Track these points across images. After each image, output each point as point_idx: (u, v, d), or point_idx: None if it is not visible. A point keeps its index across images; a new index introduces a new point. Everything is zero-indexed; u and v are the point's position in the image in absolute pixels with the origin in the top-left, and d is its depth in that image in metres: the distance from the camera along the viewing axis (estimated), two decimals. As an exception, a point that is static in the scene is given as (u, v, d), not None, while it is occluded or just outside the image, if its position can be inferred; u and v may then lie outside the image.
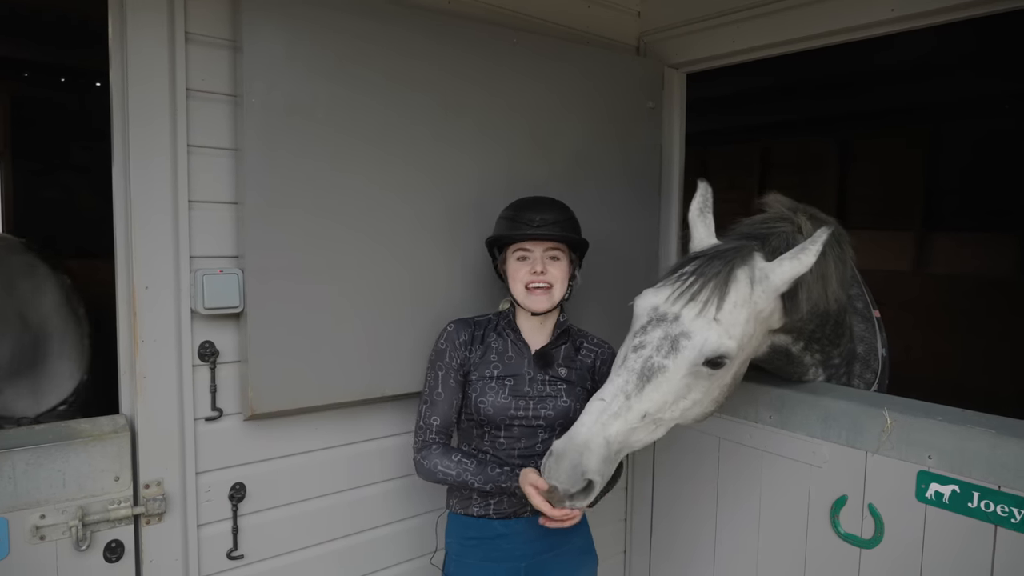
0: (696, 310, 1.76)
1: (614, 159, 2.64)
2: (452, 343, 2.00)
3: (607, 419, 1.70)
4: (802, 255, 1.82)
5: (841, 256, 2.06)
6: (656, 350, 1.75)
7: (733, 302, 1.78)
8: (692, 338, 1.74)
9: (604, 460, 1.69)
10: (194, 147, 1.87)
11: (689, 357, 1.74)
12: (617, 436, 1.71)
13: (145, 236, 1.82)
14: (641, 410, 1.73)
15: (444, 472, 1.93)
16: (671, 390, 1.75)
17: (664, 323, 1.78)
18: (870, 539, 2.15)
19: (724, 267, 1.80)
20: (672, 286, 1.81)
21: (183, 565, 1.92)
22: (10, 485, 1.65)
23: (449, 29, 2.22)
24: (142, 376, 1.83)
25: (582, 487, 1.70)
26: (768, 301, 1.85)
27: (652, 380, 1.73)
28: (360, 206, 2.06)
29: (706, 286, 1.77)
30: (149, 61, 1.80)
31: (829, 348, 2.29)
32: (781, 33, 2.44)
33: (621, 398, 1.72)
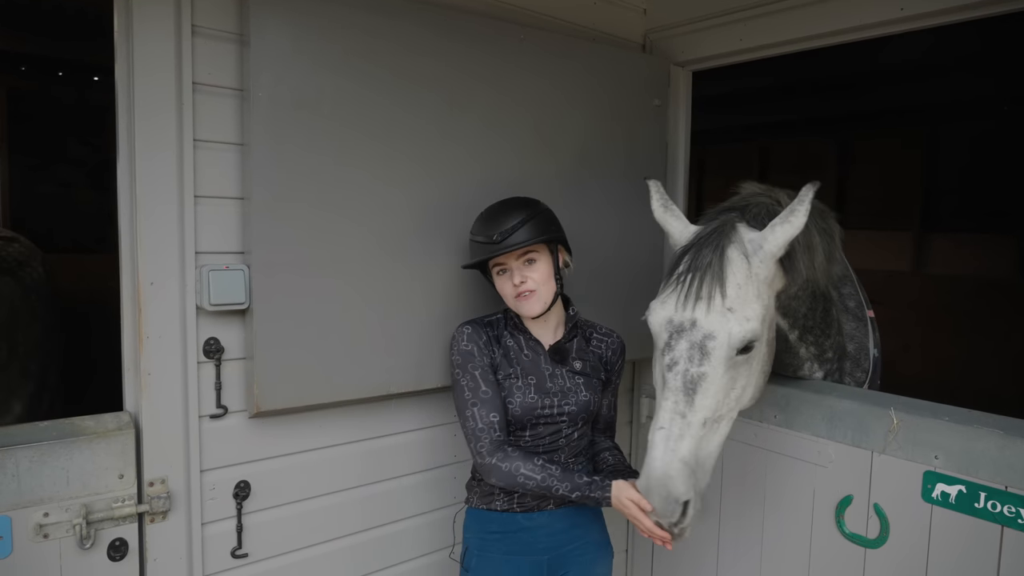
0: (706, 307, 1.76)
1: (620, 156, 2.63)
2: (476, 343, 1.98)
3: (674, 443, 1.72)
4: (792, 216, 1.81)
5: (826, 228, 2.07)
6: (689, 361, 1.76)
7: (736, 284, 1.78)
8: (717, 337, 1.75)
9: (689, 478, 1.72)
10: (200, 141, 1.85)
11: (721, 355, 1.75)
12: (690, 453, 1.73)
13: (150, 231, 1.80)
14: (700, 420, 1.75)
15: (527, 476, 1.87)
16: (719, 389, 1.77)
17: (684, 332, 1.78)
18: (875, 539, 2.15)
19: (714, 253, 1.80)
20: (675, 292, 1.81)
21: (187, 564, 1.90)
22: (13, 483, 1.63)
23: (456, 25, 2.21)
24: (146, 373, 1.81)
25: (680, 511, 1.73)
26: (768, 268, 1.85)
27: (698, 390, 1.75)
28: (367, 201, 2.04)
29: (704, 279, 1.77)
30: (155, 54, 1.78)
31: (822, 339, 2.31)
32: (789, 32, 2.43)
33: (678, 419, 1.74)
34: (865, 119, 6.47)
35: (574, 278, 2.30)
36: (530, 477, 1.87)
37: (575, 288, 2.36)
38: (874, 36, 2.27)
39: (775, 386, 2.40)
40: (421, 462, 2.34)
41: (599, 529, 2.15)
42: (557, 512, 2.02)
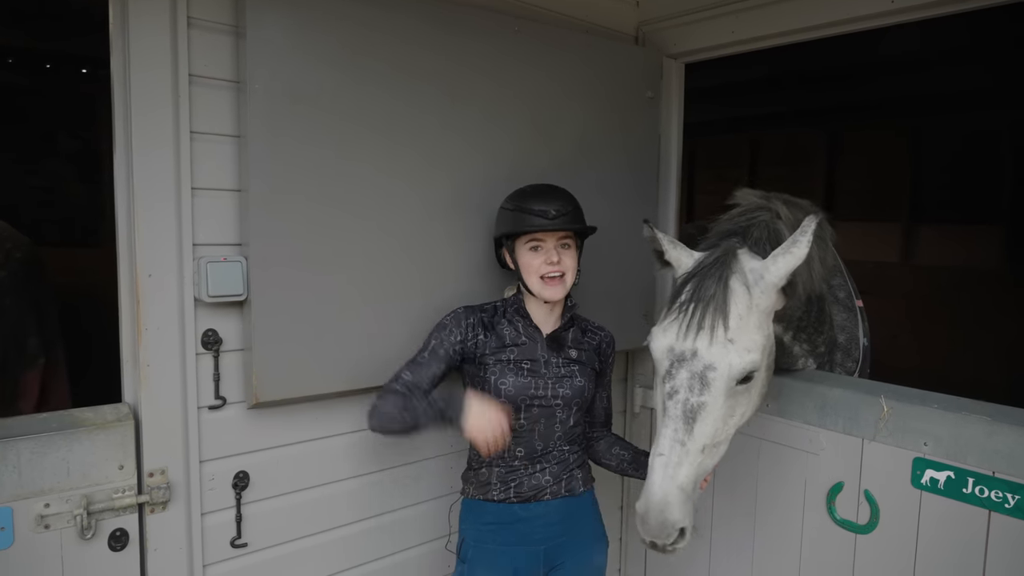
0: (707, 338, 1.79)
1: (614, 148, 2.64)
2: (457, 321, 2.03)
3: (673, 470, 1.76)
4: (794, 248, 1.84)
5: (820, 235, 2.09)
6: (689, 391, 1.79)
7: (738, 315, 1.81)
8: (717, 368, 1.78)
9: (686, 504, 1.77)
10: (197, 134, 1.86)
11: (721, 386, 1.79)
12: (687, 480, 1.78)
13: (148, 223, 1.80)
14: (698, 447, 1.79)
15: (382, 411, 1.91)
16: (718, 418, 1.81)
17: (685, 362, 1.81)
18: (865, 524, 2.19)
19: (717, 285, 1.82)
20: (678, 321, 1.84)
21: (187, 554, 1.91)
22: (14, 474, 1.64)
23: (452, 17, 2.21)
24: (145, 364, 1.82)
25: (676, 536, 1.77)
26: (770, 298, 1.88)
27: (698, 419, 1.78)
28: (365, 194, 2.06)
29: (707, 310, 1.80)
30: (151, 47, 1.77)
31: (815, 336, 2.34)
32: (780, 24, 2.45)
33: (678, 447, 1.78)
34: (855, 111, 6.51)
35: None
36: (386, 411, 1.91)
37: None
38: (866, 28, 2.30)
39: (767, 375, 2.44)
40: (418, 452, 2.36)
41: (595, 518, 2.17)
42: (553, 503, 2.04)
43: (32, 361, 2.68)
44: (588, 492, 2.15)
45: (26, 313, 2.68)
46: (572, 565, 2.07)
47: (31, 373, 2.68)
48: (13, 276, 2.66)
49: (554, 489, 2.05)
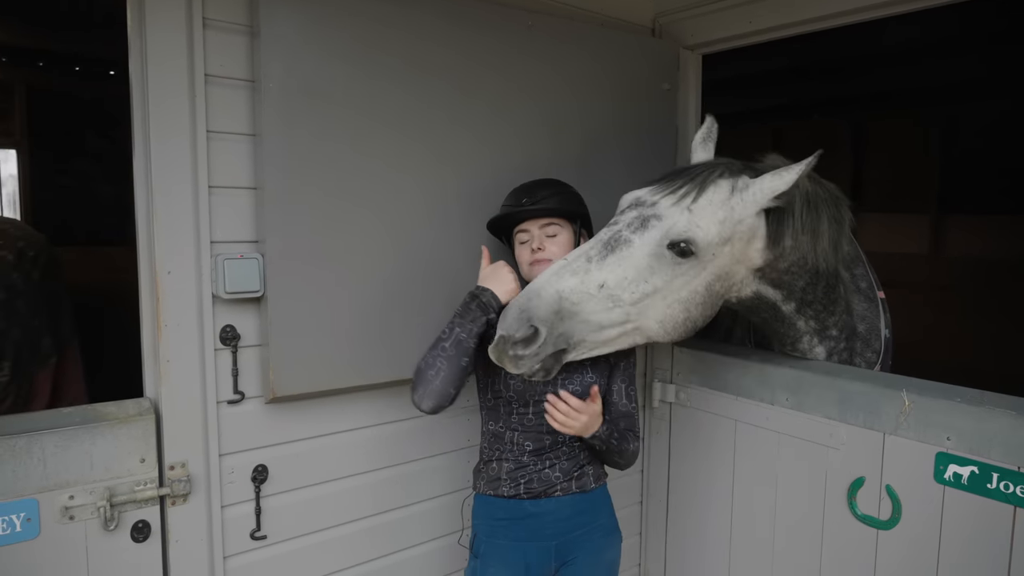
0: (672, 200, 1.86)
1: (629, 141, 2.63)
2: None
3: (564, 274, 1.79)
4: (785, 172, 1.88)
5: (837, 216, 2.09)
6: (627, 227, 1.85)
7: (709, 199, 1.86)
8: (662, 220, 1.83)
9: (552, 312, 1.75)
10: (213, 132, 1.88)
11: (655, 236, 1.82)
12: (570, 293, 1.77)
13: (166, 221, 1.84)
14: (600, 279, 1.79)
15: (420, 369, 1.88)
16: (632, 266, 1.81)
17: (640, 207, 1.88)
18: (887, 520, 2.16)
19: (709, 171, 1.90)
20: (654, 184, 1.93)
21: (208, 545, 1.95)
22: (40, 467, 1.69)
23: (464, 12, 2.21)
24: (165, 360, 1.85)
25: (528, 334, 1.74)
26: (747, 212, 1.89)
27: (615, 251, 1.81)
28: (379, 190, 2.07)
29: (687, 183, 1.87)
30: (167, 48, 1.80)
31: (824, 316, 2.31)
32: (798, 13, 2.42)
33: (582, 260, 1.81)
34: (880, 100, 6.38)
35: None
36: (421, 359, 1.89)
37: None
38: (886, 15, 2.25)
39: (786, 368, 2.41)
40: (433, 447, 2.38)
41: (607, 514, 2.15)
42: (564, 499, 2.03)
43: (44, 360, 2.76)
44: (600, 488, 2.13)
45: (40, 313, 2.75)
46: (584, 560, 2.06)
47: (43, 373, 2.76)
48: (27, 276, 2.73)
49: (564, 486, 2.03)
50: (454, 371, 1.84)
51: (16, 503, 1.66)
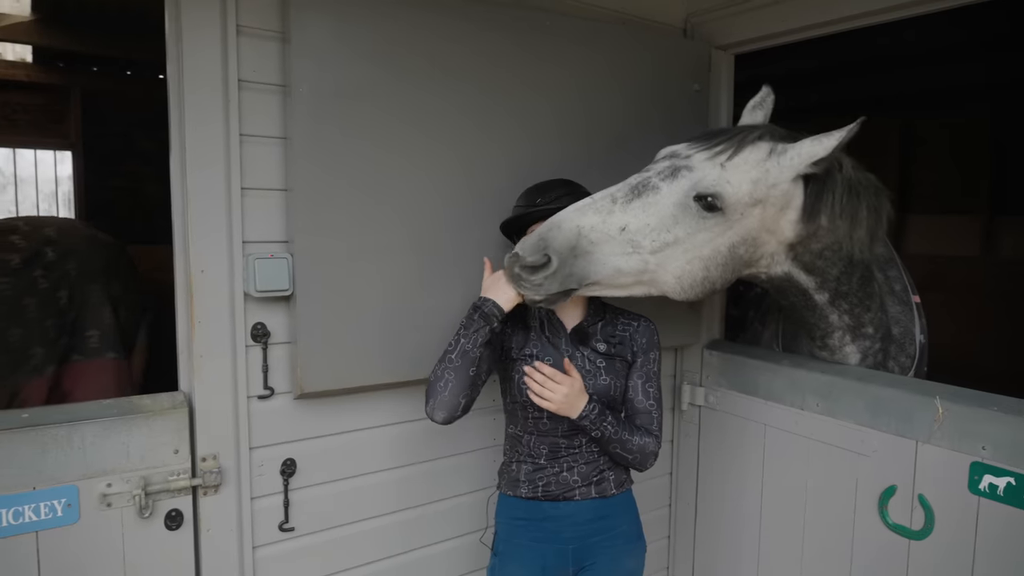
0: (708, 155, 1.85)
1: (658, 143, 2.59)
2: None
3: (587, 211, 1.80)
4: (824, 138, 1.85)
5: (876, 206, 2.05)
6: (656, 174, 1.85)
7: (745, 158, 1.85)
8: (693, 171, 1.83)
9: (569, 246, 1.76)
10: (246, 136, 1.94)
11: (683, 186, 1.82)
12: (589, 231, 1.78)
13: (201, 222, 1.90)
14: (622, 221, 1.80)
15: (431, 382, 1.88)
16: (656, 213, 1.81)
17: (674, 158, 1.88)
18: (920, 530, 2.11)
19: (749, 131, 1.89)
20: (692, 139, 1.92)
21: (238, 535, 2.01)
22: (80, 455, 1.77)
23: (490, 15, 2.23)
24: (199, 355, 1.92)
25: (540, 262, 1.75)
26: (783, 176, 1.87)
27: (642, 196, 1.82)
28: (404, 191, 2.11)
29: (726, 141, 1.86)
30: (203, 54, 1.87)
31: (859, 311, 2.25)
32: (830, 12, 2.37)
33: (607, 200, 1.82)
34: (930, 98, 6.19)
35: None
36: (434, 368, 1.89)
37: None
38: (924, 13, 2.20)
39: (817, 373, 2.37)
40: (459, 445, 2.41)
41: (629, 521, 2.10)
42: (583, 503, 2.01)
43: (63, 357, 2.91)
44: (622, 494, 2.08)
45: (58, 311, 2.89)
46: (602, 566, 2.02)
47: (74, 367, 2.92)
48: (47, 274, 2.89)
49: (583, 490, 2.01)
50: (462, 382, 1.85)
51: (58, 489, 1.75)
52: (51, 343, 2.85)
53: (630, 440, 1.96)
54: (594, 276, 1.81)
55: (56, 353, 2.87)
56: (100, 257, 3.10)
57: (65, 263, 2.96)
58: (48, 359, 2.83)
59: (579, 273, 1.79)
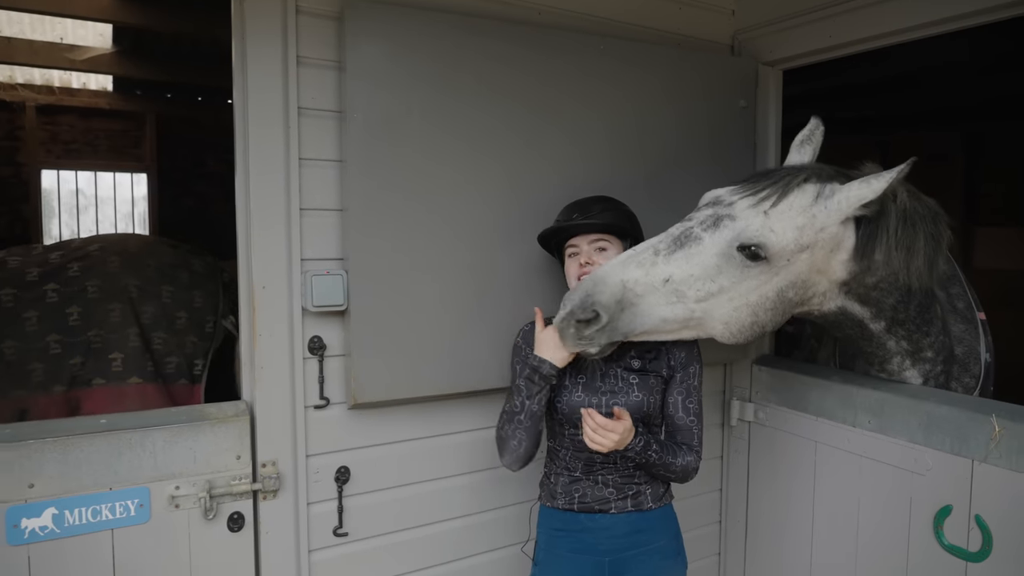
0: (751, 202, 1.83)
1: (705, 159, 2.64)
2: (527, 339, 2.07)
3: (629, 264, 1.81)
4: (874, 180, 1.81)
5: (935, 233, 2.00)
6: (699, 224, 1.84)
7: (790, 204, 1.82)
8: (735, 220, 1.81)
9: (615, 298, 1.78)
10: (305, 160, 2.06)
11: (726, 236, 1.80)
12: (634, 285, 1.79)
13: (263, 240, 2.03)
14: (666, 272, 1.80)
15: (500, 437, 2.02)
16: (699, 263, 1.80)
17: (717, 206, 1.86)
18: (977, 552, 2.05)
19: (794, 175, 1.85)
20: (736, 185, 1.90)
21: (295, 538, 2.11)
22: (151, 458, 1.90)
23: (539, 38, 2.31)
24: (260, 367, 2.04)
25: (589, 317, 1.78)
26: (830, 220, 1.84)
27: (684, 247, 1.81)
28: (453, 209, 2.19)
29: (770, 186, 1.83)
30: (266, 84, 2.00)
31: (918, 337, 2.20)
32: (877, 26, 2.35)
33: (650, 252, 1.83)
34: (995, 107, 5.98)
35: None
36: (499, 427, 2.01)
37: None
38: (971, 26, 2.17)
39: (869, 390, 2.33)
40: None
41: (669, 537, 2.08)
42: (619, 516, 2.01)
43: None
44: (660, 509, 2.07)
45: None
46: None
47: None
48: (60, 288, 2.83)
49: (619, 504, 2.02)
50: (533, 437, 1.98)
51: (131, 490, 1.88)
52: (54, 360, 2.73)
53: (673, 463, 1.97)
54: (641, 327, 1.83)
55: (64, 373, 2.73)
56: (137, 275, 2.93)
57: (84, 280, 2.85)
58: (53, 377, 2.71)
59: (626, 325, 1.82)
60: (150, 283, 2.98)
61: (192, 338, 3.00)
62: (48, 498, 1.78)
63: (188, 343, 2.97)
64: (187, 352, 2.96)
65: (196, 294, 3.08)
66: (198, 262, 3.22)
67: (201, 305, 3.08)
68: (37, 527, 1.78)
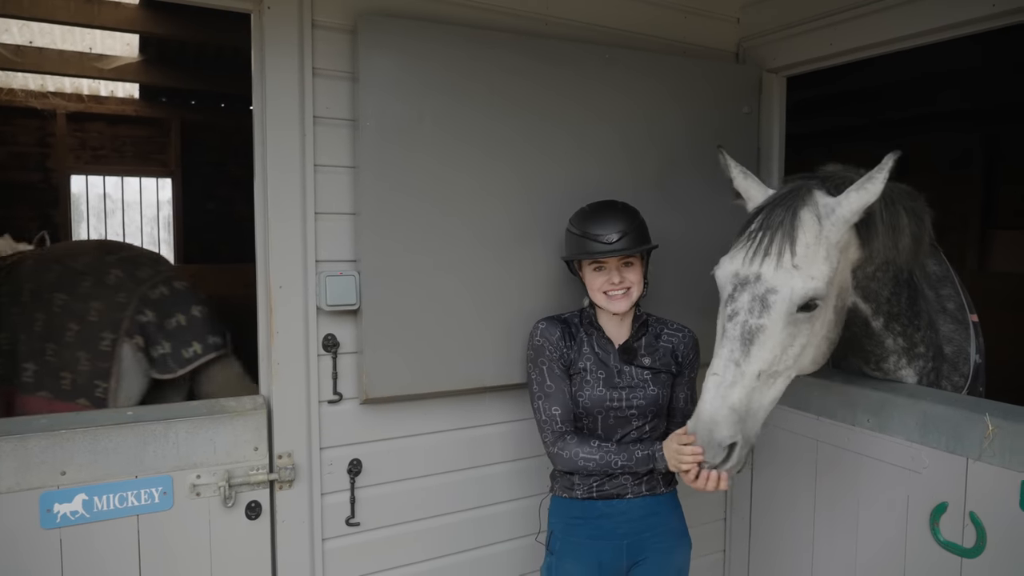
0: (773, 264, 1.82)
1: (708, 166, 2.69)
2: (548, 339, 2.14)
3: (725, 391, 1.80)
4: (868, 183, 1.84)
5: (915, 210, 2.04)
6: (749, 313, 1.82)
7: (805, 244, 1.82)
8: (779, 292, 1.81)
9: (735, 424, 1.80)
10: (320, 166, 2.17)
11: (782, 310, 1.81)
12: (740, 402, 1.81)
13: (280, 242, 2.13)
14: (754, 371, 1.81)
15: (586, 458, 2.05)
16: (776, 344, 1.82)
17: (748, 285, 1.85)
18: (972, 548, 2.09)
19: (787, 213, 1.85)
20: (744, 248, 1.88)
21: (309, 527, 2.21)
22: (174, 449, 2.01)
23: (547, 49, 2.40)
24: (276, 363, 2.14)
25: (725, 455, 1.82)
26: (840, 232, 1.87)
27: (755, 341, 1.81)
28: (463, 212, 2.28)
29: (775, 237, 1.83)
30: (284, 93, 2.11)
31: (910, 330, 2.25)
32: (877, 34, 2.41)
33: (732, 367, 1.81)
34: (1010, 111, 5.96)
35: (664, 282, 2.43)
36: (589, 458, 2.05)
37: (664, 292, 2.48)
38: (966, 34, 2.22)
39: (868, 390, 2.38)
40: (512, 452, 2.55)
41: (677, 518, 2.22)
42: (635, 501, 2.14)
43: None
44: (670, 493, 2.21)
45: None
46: (654, 560, 2.14)
47: None
48: None
49: (635, 489, 2.13)
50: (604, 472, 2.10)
51: (156, 478, 1.99)
52: None
53: None
54: (761, 419, 1.89)
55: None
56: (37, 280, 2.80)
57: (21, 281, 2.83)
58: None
59: (751, 429, 1.87)
60: (46, 288, 2.86)
61: (83, 354, 2.79)
62: (79, 485, 1.90)
63: (81, 359, 2.78)
64: (82, 369, 2.77)
65: (94, 305, 2.83)
66: (121, 272, 2.95)
67: (96, 319, 2.82)
68: (68, 512, 1.89)
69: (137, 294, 2.89)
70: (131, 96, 6.46)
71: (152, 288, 2.93)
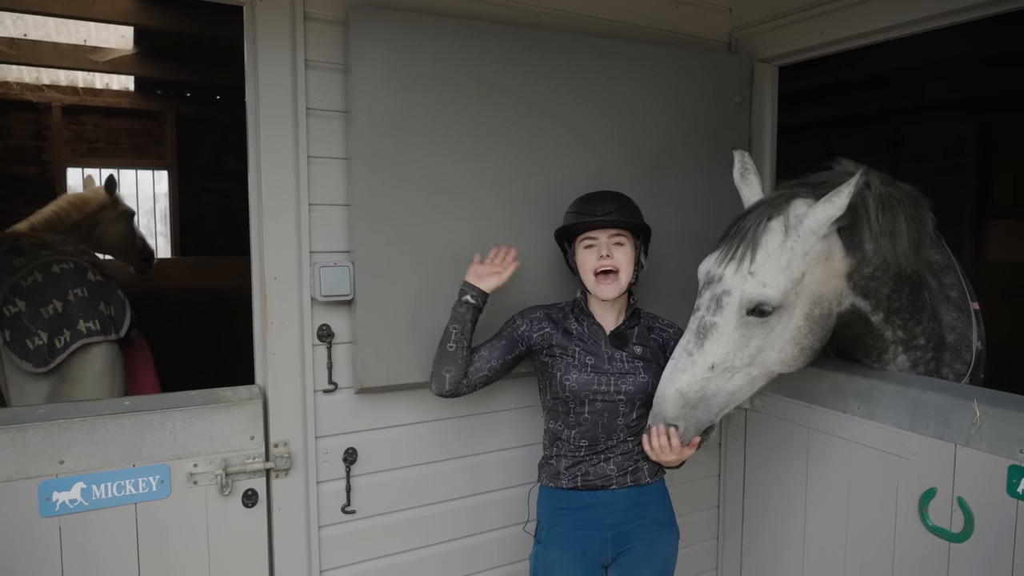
0: (734, 267, 1.93)
1: (700, 155, 2.72)
2: (524, 314, 2.22)
3: (675, 374, 1.94)
4: (835, 197, 1.89)
5: (916, 216, 2.07)
6: (707, 310, 1.96)
7: (766, 253, 1.92)
8: (732, 294, 1.92)
9: (681, 407, 1.93)
10: (313, 158, 2.18)
11: (732, 311, 1.92)
12: (688, 387, 1.93)
13: (274, 234, 2.15)
14: (707, 363, 1.93)
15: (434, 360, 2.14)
16: (728, 342, 1.93)
17: (712, 285, 1.98)
18: (959, 533, 2.12)
19: (756, 221, 1.95)
20: (720, 251, 1.99)
21: (305, 515, 2.24)
22: (171, 438, 2.03)
23: (536, 39, 2.41)
24: (272, 353, 2.16)
25: (672, 430, 1.94)
26: (809, 244, 1.92)
27: (708, 337, 1.94)
28: (455, 203, 2.30)
29: (741, 243, 1.94)
30: (276, 86, 2.12)
31: (911, 324, 2.28)
32: (869, 23, 2.42)
33: (685, 356, 1.95)
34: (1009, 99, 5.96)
35: (654, 274, 2.45)
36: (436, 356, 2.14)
37: (655, 283, 2.50)
38: (960, 22, 2.23)
39: (858, 377, 2.41)
40: (505, 440, 2.57)
41: (663, 509, 2.24)
42: (619, 492, 2.15)
43: None
44: (656, 483, 2.23)
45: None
46: (639, 551, 2.16)
47: None
48: None
49: (620, 480, 2.15)
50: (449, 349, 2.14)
51: (153, 467, 2.01)
52: None
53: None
54: (719, 407, 1.99)
55: None
56: None
57: None
58: None
59: (706, 413, 1.98)
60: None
61: None
62: (77, 473, 1.92)
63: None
64: None
65: None
66: None
67: None
68: (67, 500, 1.92)
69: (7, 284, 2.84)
70: (126, 89, 6.44)
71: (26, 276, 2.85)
